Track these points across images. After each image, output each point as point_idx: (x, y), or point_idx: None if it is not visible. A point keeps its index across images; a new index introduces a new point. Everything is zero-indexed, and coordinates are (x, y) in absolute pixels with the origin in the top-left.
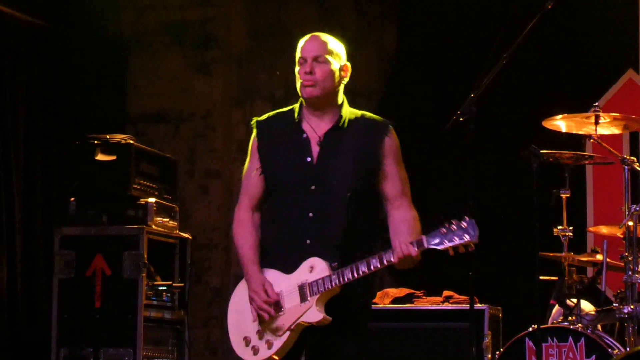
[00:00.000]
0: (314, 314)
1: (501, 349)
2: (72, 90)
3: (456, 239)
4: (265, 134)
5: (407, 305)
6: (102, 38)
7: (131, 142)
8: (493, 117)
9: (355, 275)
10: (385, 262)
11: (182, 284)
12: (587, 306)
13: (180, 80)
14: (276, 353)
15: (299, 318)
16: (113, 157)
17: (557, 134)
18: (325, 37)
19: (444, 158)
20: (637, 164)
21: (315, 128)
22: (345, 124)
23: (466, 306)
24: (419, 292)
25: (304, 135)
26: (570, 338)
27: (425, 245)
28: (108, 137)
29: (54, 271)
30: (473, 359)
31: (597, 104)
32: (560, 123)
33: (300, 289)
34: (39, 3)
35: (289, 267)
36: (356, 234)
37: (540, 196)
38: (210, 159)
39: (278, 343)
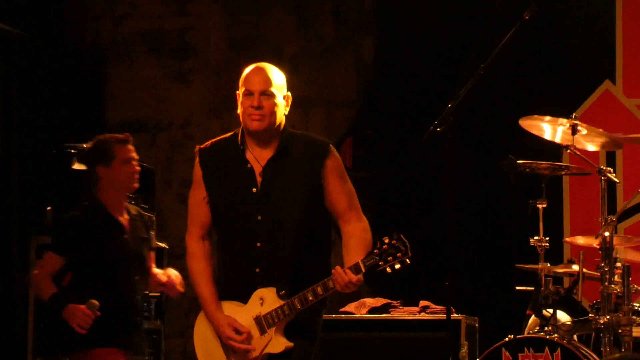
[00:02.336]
0: (277, 345)
1: (479, 359)
2: (49, 98)
3: (390, 257)
4: (209, 163)
5: (384, 315)
6: (80, 47)
7: None
8: (470, 128)
9: (305, 304)
10: (329, 289)
11: (159, 294)
12: (563, 316)
13: (158, 90)
14: None
15: (263, 349)
16: None
17: (535, 143)
18: (269, 69)
19: (422, 168)
20: (614, 174)
21: (257, 157)
22: (286, 150)
23: (443, 316)
24: (395, 302)
25: (248, 165)
26: (547, 348)
27: (363, 269)
28: (85, 146)
29: (29, 281)
30: None
31: (574, 114)
32: (538, 124)
33: (257, 322)
34: (16, 12)
35: (242, 296)
36: (306, 259)
37: (517, 207)
38: (188, 168)
39: None
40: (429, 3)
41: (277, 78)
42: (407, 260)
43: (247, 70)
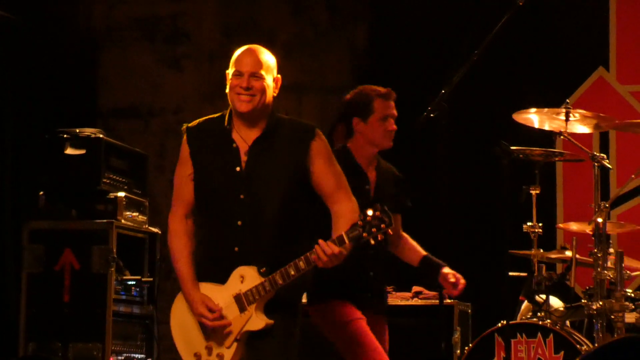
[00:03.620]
0: (257, 322)
1: (470, 345)
2: (42, 84)
3: (374, 229)
4: (196, 141)
5: None
6: (73, 32)
7: (101, 136)
8: (464, 114)
9: (286, 279)
10: (311, 262)
11: (152, 279)
12: (556, 302)
13: (151, 75)
14: None
15: (242, 327)
16: (82, 152)
17: (528, 130)
18: (260, 51)
19: (416, 154)
20: (607, 161)
21: (244, 137)
22: (273, 132)
23: (436, 302)
24: (388, 287)
25: (234, 145)
26: (539, 334)
27: (347, 240)
28: (78, 131)
29: (22, 265)
30: (442, 354)
31: (568, 100)
32: (533, 117)
33: (236, 300)
34: None
35: (220, 277)
36: (286, 239)
37: (510, 193)
38: None
39: (228, 355)
40: None
41: (268, 60)
42: (390, 231)
43: (238, 51)
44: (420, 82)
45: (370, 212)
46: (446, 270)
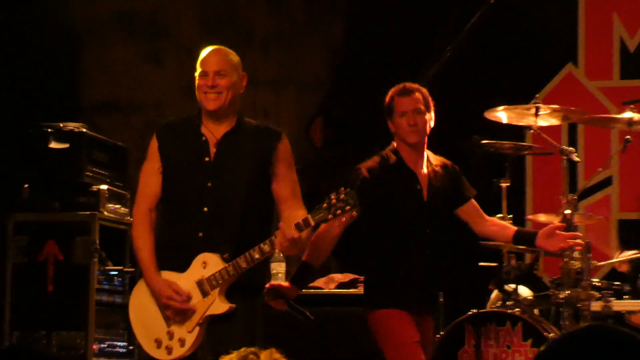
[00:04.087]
0: (219, 306)
1: (442, 332)
2: (25, 79)
3: (339, 211)
4: (166, 137)
5: (352, 290)
6: (55, 28)
7: (83, 130)
8: (437, 108)
9: (250, 263)
10: (275, 246)
11: (133, 269)
12: (524, 291)
13: (131, 70)
14: (189, 348)
15: (205, 312)
16: (65, 145)
17: (499, 124)
18: (224, 51)
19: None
20: (575, 154)
21: (213, 132)
22: (241, 129)
23: None
24: (363, 277)
25: (203, 138)
26: (508, 322)
27: (312, 222)
28: (61, 125)
29: (7, 256)
30: None
31: (537, 96)
32: (502, 114)
33: (199, 285)
34: None
35: (182, 263)
36: (250, 227)
37: (481, 185)
38: None
39: (190, 339)
40: None
41: (232, 59)
42: (355, 212)
43: (203, 53)
44: (395, 77)
45: (334, 195)
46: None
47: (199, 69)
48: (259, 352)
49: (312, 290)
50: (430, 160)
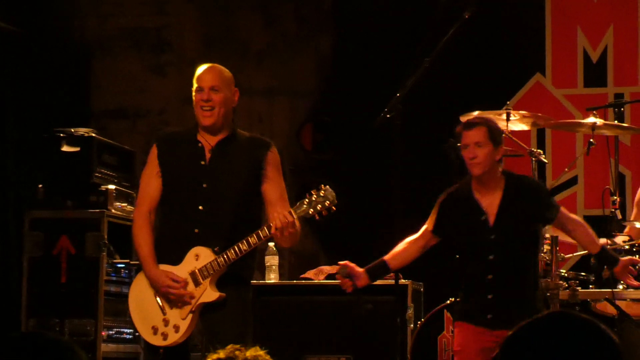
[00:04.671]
0: (210, 294)
1: (422, 320)
2: (41, 89)
3: (319, 206)
4: (165, 145)
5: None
6: (68, 42)
7: (93, 135)
8: (417, 114)
9: (238, 254)
10: (262, 237)
11: (139, 262)
12: None
13: (138, 81)
14: (183, 334)
15: (197, 300)
16: (77, 149)
17: None
18: (217, 68)
19: (374, 150)
20: (543, 156)
21: (208, 140)
22: (234, 138)
23: (392, 282)
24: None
25: (199, 145)
26: None
27: (294, 215)
28: (72, 130)
29: (24, 250)
30: (398, 328)
31: (508, 103)
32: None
33: (192, 276)
34: (10, 10)
35: (177, 256)
36: (241, 226)
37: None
38: None
39: (184, 326)
40: (381, 4)
41: (225, 75)
42: (334, 207)
43: (199, 70)
44: (378, 85)
45: (314, 191)
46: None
47: (195, 85)
48: (244, 349)
49: (303, 281)
50: (507, 185)
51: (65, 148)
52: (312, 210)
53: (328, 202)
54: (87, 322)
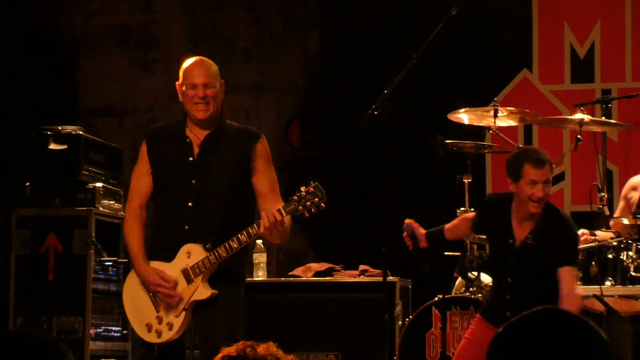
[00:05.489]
0: (203, 292)
1: (410, 317)
2: (27, 86)
3: (308, 203)
4: (154, 141)
5: (328, 278)
6: (55, 40)
7: (80, 132)
8: (404, 111)
9: (229, 251)
10: (252, 234)
11: (126, 260)
12: (486, 278)
13: (125, 78)
14: (177, 332)
15: (190, 298)
16: (64, 146)
17: (461, 125)
18: (207, 62)
19: (361, 147)
20: None
21: (197, 134)
22: (223, 131)
23: (380, 279)
24: (338, 266)
25: (187, 140)
26: (472, 306)
27: (284, 213)
28: (60, 128)
29: (11, 248)
30: (386, 325)
31: (496, 99)
32: (463, 116)
33: (184, 273)
34: None
35: (169, 253)
36: (231, 221)
37: (445, 181)
38: None
39: (177, 323)
40: (369, 0)
41: (214, 69)
42: (323, 204)
43: (187, 64)
44: (365, 82)
45: (304, 188)
46: None
47: (185, 80)
48: (257, 345)
49: (291, 279)
50: (543, 219)
51: (52, 146)
52: (301, 207)
53: (317, 199)
54: (75, 319)
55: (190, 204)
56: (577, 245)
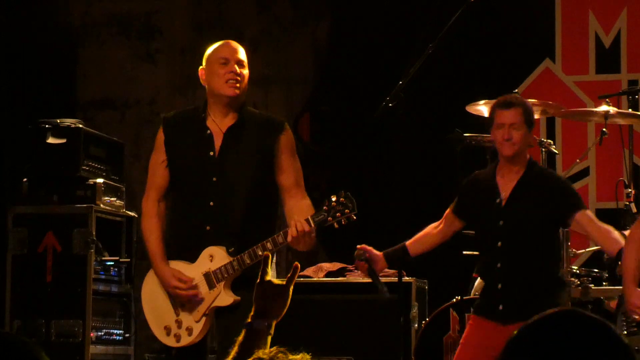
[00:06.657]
0: (225, 299)
1: (427, 319)
2: (24, 77)
3: (338, 214)
4: (172, 129)
5: (340, 279)
6: (53, 29)
7: (80, 126)
8: (420, 103)
9: (254, 258)
10: (279, 243)
11: (129, 260)
12: None
13: (126, 69)
14: (196, 337)
15: (211, 304)
16: (63, 141)
17: (480, 118)
18: (239, 45)
19: (374, 141)
20: (554, 146)
21: (219, 125)
22: (245, 122)
23: (395, 279)
24: (350, 266)
25: (208, 132)
26: None
27: (312, 224)
28: (58, 121)
29: (7, 248)
30: (401, 328)
31: (516, 90)
32: (483, 108)
33: (206, 278)
34: None
35: (191, 255)
36: (254, 221)
37: (463, 176)
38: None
39: (197, 329)
40: None
41: (245, 53)
42: (354, 216)
43: (217, 45)
44: (379, 74)
45: (334, 198)
46: None
47: (216, 55)
48: (288, 352)
49: (302, 279)
50: (529, 174)
51: (50, 140)
52: (330, 218)
53: (348, 210)
54: (74, 322)
55: (211, 203)
56: (575, 190)
